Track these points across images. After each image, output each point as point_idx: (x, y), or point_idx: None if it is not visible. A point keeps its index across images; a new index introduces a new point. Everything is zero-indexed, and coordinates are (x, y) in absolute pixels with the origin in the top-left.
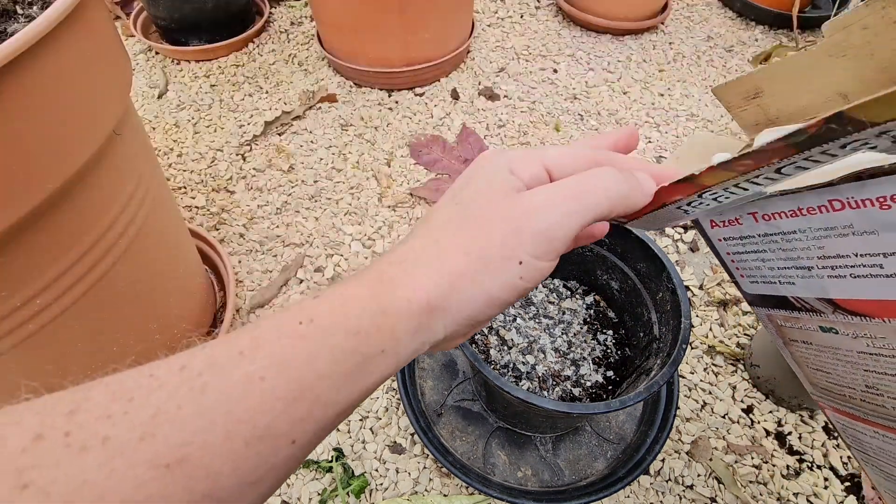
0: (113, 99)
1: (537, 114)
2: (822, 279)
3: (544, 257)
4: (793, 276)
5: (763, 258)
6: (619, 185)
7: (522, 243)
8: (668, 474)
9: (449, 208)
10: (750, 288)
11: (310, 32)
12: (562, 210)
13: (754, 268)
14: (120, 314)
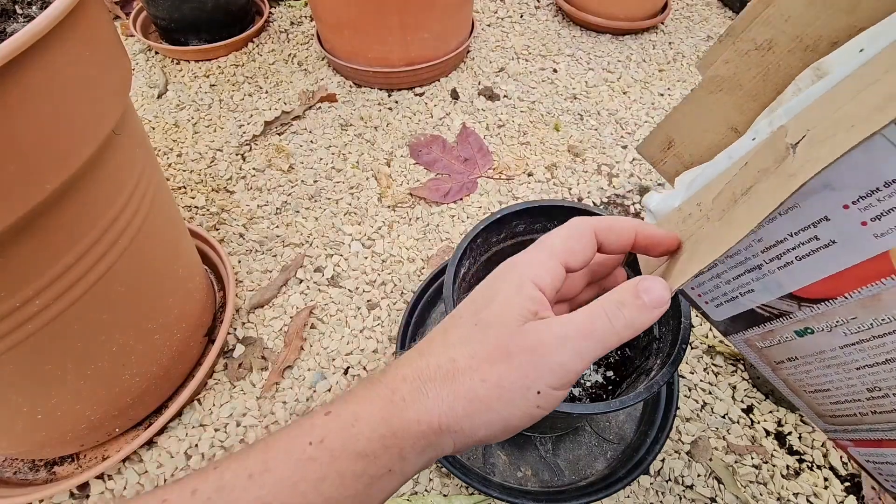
0: (112, 99)
1: (537, 113)
2: (774, 274)
3: (561, 387)
4: (748, 282)
5: (716, 273)
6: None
7: (542, 376)
8: (668, 474)
9: (468, 328)
10: (718, 313)
11: (310, 32)
12: (576, 348)
13: (713, 287)
14: (119, 314)
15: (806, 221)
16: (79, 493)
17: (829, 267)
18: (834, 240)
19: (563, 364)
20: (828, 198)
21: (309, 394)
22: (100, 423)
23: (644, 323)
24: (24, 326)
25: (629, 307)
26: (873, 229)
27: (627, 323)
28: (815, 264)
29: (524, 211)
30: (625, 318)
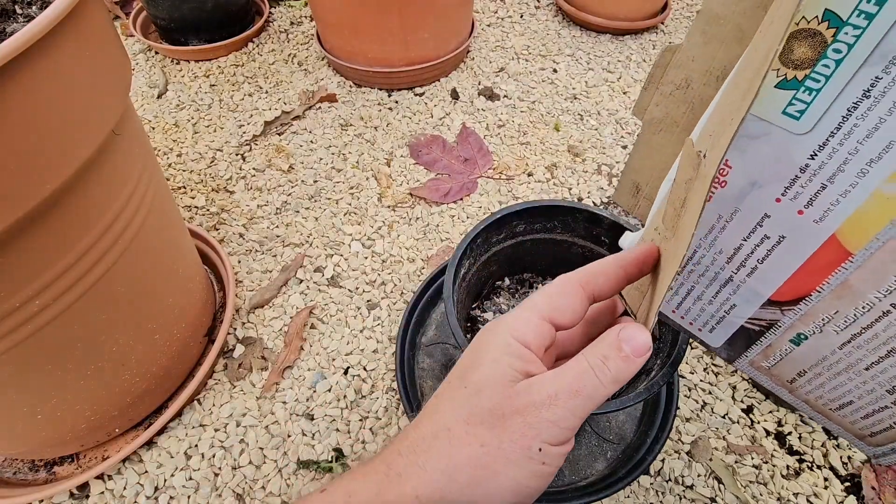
0: (112, 99)
1: (537, 113)
2: (746, 283)
3: (560, 443)
4: (728, 297)
5: (696, 295)
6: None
7: (538, 434)
8: (668, 474)
9: (459, 393)
10: (714, 339)
11: (310, 32)
12: (567, 406)
13: (699, 311)
14: (119, 314)
15: (751, 223)
16: (79, 494)
17: (791, 263)
18: (782, 235)
19: (557, 422)
20: (759, 195)
21: (309, 394)
22: (100, 423)
23: (629, 374)
24: (24, 327)
25: (613, 360)
26: (810, 216)
27: (613, 377)
28: (777, 264)
29: (524, 211)
30: (611, 373)
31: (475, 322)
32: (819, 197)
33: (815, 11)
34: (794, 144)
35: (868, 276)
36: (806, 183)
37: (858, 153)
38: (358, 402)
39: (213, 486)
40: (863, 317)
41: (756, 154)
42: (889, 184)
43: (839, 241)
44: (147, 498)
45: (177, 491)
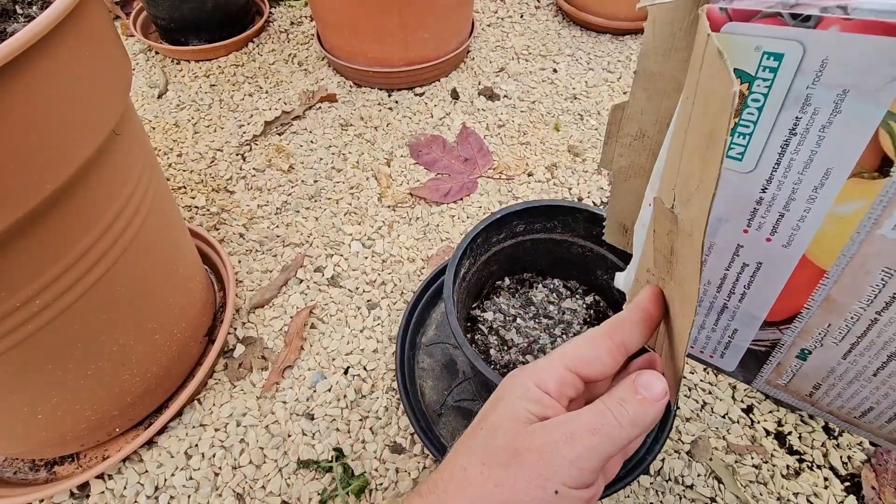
0: (112, 99)
1: (537, 113)
2: (741, 308)
3: (579, 486)
4: (728, 323)
5: (699, 325)
6: (630, 415)
7: (555, 473)
8: (668, 474)
9: (475, 433)
10: (726, 364)
11: (310, 32)
12: (585, 444)
13: (705, 339)
14: (120, 314)
15: (728, 254)
16: (79, 493)
17: (774, 285)
18: (759, 261)
19: (575, 461)
20: (728, 229)
21: (309, 394)
22: (100, 422)
23: (648, 417)
24: (25, 326)
25: (630, 402)
26: (778, 242)
27: (631, 419)
28: (763, 287)
29: (524, 211)
30: (629, 415)
31: (475, 322)
32: (780, 225)
33: None
34: (744, 182)
35: (846, 289)
36: (765, 214)
37: (802, 182)
38: (358, 401)
39: (214, 485)
40: (854, 327)
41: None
42: (838, 205)
43: (811, 260)
44: (147, 497)
45: (177, 490)
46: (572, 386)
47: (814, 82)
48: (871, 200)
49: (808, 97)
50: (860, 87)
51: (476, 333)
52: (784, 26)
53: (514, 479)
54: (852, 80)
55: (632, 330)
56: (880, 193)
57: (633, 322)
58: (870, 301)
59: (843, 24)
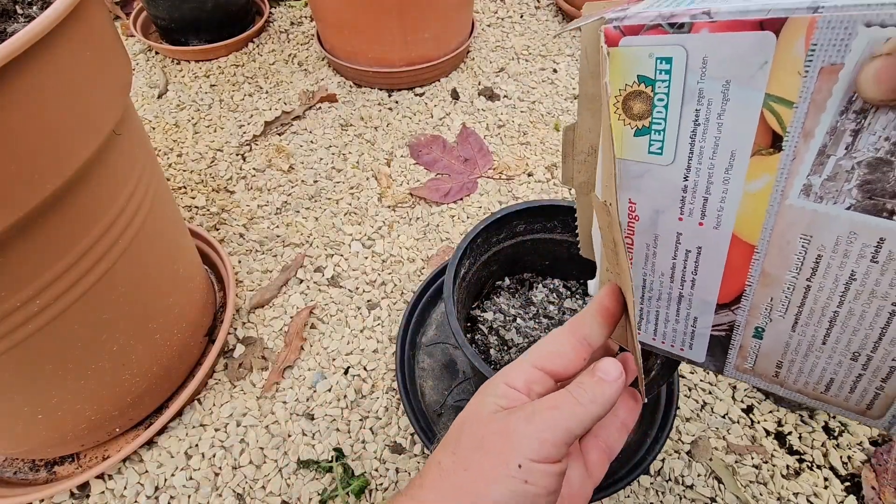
0: (113, 99)
1: (537, 114)
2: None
3: (543, 460)
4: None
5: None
6: (589, 393)
7: (516, 448)
8: (668, 474)
9: (449, 432)
10: (695, 354)
11: (310, 32)
12: (545, 419)
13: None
14: (120, 314)
15: (671, 243)
16: (79, 493)
17: (716, 267)
18: (699, 246)
19: (535, 434)
20: (666, 219)
21: (309, 394)
22: (100, 422)
23: (606, 395)
24: (25, 326)
25: (588, 383)
26: (709, 224)
27: (591, 397)
28: (706, 271)
29: (524, 211)
30: (587, 393)
31: (475, 322)
32: (707, 208)
33: (631, 78)
34: (668, 173)
35: (775, 261)
36: (692, 200)
37: (715, 167)
38: (358, 401)
39: (214, 485)
40: (793, 297)
41: (646, 188)
42: (749, 183)
43: (740, 238)
44: (147, 498)
45: (177, 491)
46: (540, 382)
47: (702, 77)
48: (774, 174)
49: (701, 91)
50: (738, 77)
51: (476, 333)
52: (666, 35)
53: (479, 462)
54: (731, 72)
55: (591, 324)
56: (779, 166)
57: (591, 316)
58: (798, 269)
59: (711, 27)
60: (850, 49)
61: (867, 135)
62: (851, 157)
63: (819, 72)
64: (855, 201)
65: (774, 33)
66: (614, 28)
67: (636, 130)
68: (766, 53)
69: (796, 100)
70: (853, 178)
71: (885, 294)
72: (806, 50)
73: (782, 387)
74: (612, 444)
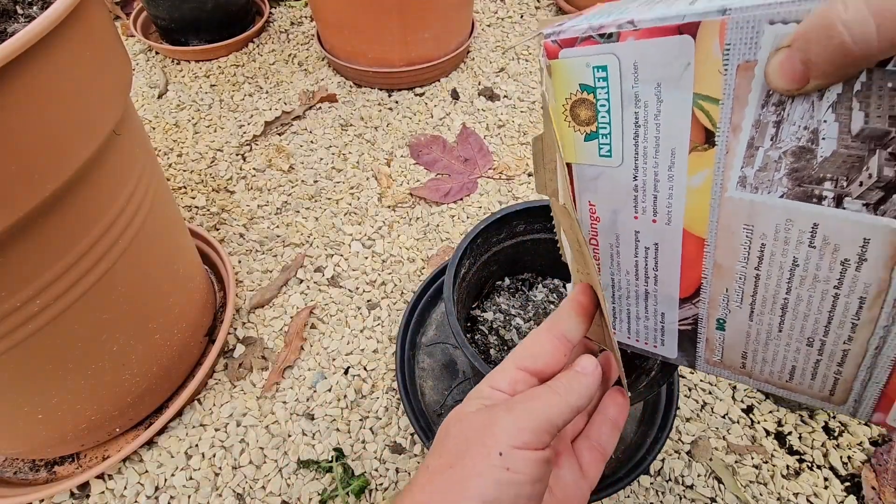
0: (113, 99)
1: (537, 114)
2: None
3: (524, 446)
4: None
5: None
6: (565, 385)
7: (497, 438)
8: (668, 474)
9: (437, 437)
10: (668, 350)
11: (310, 32)
12: (524, 408)
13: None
14: (120, 314)
15: (631, 241)
16: (79, 493)
17: (673, 262)
18: (655, 242)
19: (514, 422)
20: (623, 218)
21: (309, 394)
22: (100, 422)
23: (582, 386)
24: (25, 326)
25: (564, 376)
26: (662, 221)
27: (567, 388)
28: (666, 266)
29: (524, 211)
30: (563, 385)
31: (475, 322)
32: (657, 205)
33: (574, 87)
34: (619, 174)
35: (725, 252)
36: (643, 199)
37: (659, 165)
38: (358, 401)
39: (214, 485)
40: (745, 287)
41: (602, 190)
42: (691, 178)
43: (691, 232)
44: (147, 497)
45: (177, 490)
46: (524, 382)
47: (636, 82)
48: (711, 169)
49: (637, 94)
50: (667, 79)
51: (476, 333)
52: (598, 45)
53: (464, 457)
54: (660, 75)
55: (568, 320)
56: (715, 161)
57: (567, 312)
58: (746, 259)
59: (636, 35)
60: (760, 46)
61: (787, 125)
62: (777, 147)
63: (737, 69)
64: (786, 189)
65: (692, 36)
66: (552, 42)
67: (586, 135)
68: (687, 55)
69: (721, 97)
70: (782, 167)
71: (827, 278)
72: (721, 50)
73: (751, 377)
74: (604, 444)
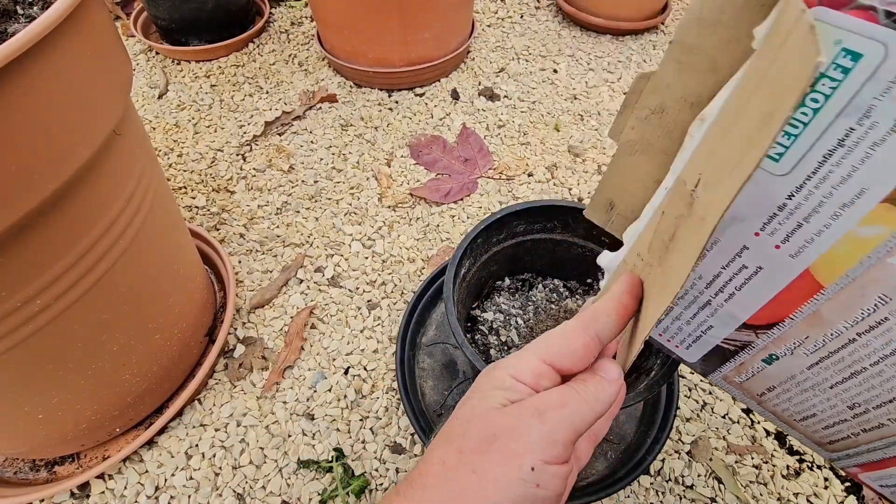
0: (113, 99)
1: (537, 114)
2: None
3: (554, 461)
4: (705, 319)
5: (675, 315)
6: (592, 392)
7: (530, 450)
8: (668, 474)
9: (450, 426)
10: (690, 355)
11: (310, 32)
12: (556, 417)
13: (677, 330)
14: (120, 314)
15: (730, 253)
16: (79, 493)
17: (766, 292)
18: (760, 266)
19: (547, 434)
20: (740, 229)
21: (309, 394)
22: (100, 422)
23: (608, 395)
24: (25, 326)
25: (591, 383)
26: (787, 251)
27: (594, 395)
28: (753, 291)
29: (524, 211)
30: (591, 392)
31: (475, 322)
32: (795, 234)
33: None
34: (773, 184)
35: (837, 307)
36: (783, 220)
37: (833, 197)
38: (358, 401)
39: (214, 485)
40: (831, 342)
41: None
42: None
43: (812, 274)
44: (148, 497)
45: (177, 490)
46: (548, 377)
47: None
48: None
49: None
50: None
51: (476, 333)
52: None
53: (490, 462)
54: None
55: (606, 322)
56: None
57: (607, 314)
58: (856, 322)
59: None
60: None
61: None
62: None
63: None
64: None
65: None
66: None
67: None
68: None
69: None
70: None
71: None
72: None
73: (759, 405)
74: (598, 431)
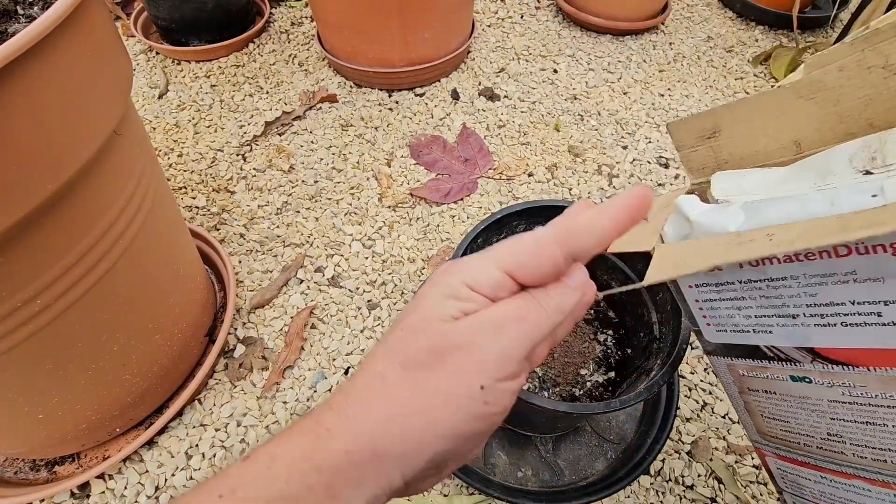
0: (113, 99)
1: (537, 114)
2: (807, 328)
3: (506, 378)
4: (772, 324)
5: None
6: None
7: (483, 368)
8: (668, 474)
9: (393, 335)
10: (715, 337)
11: (310, 33)
12: (513, 333)
13: (726, 316)
14: (120, 314)
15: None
16: (79, 493)
17: (874, 342)
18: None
19: (503, 351)
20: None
21: (309, 394)
22: (100, 422)
23: (570, 303)
24: (26, 327)
25: (553, 289)
26: None
27: (556, 305)
28: (860, 335)
29: (524, 211)
30: (552, 300)
31: None
32: None
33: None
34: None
35: None
36: None
37: None
38: None
39: None
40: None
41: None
42: None
43: None
44: (148, 497)
45: (177, 490)
46: (506, 288)
47: None
48: None
49: None
50: None
51: None
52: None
53: (437, 380)
54: None
55: (587, 241)
56: None
57: (589, 232)
58: None
59: None
60: None
61: None
62: None
63: None
64: None
65: None
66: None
67: None
68: None
69: None
70: None
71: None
72: None
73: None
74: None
